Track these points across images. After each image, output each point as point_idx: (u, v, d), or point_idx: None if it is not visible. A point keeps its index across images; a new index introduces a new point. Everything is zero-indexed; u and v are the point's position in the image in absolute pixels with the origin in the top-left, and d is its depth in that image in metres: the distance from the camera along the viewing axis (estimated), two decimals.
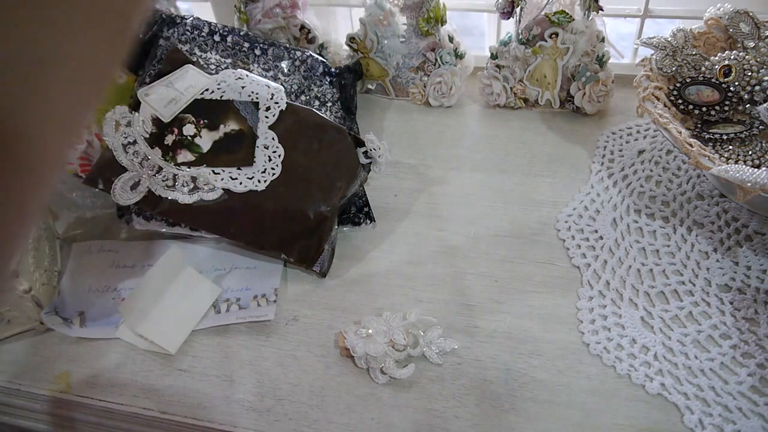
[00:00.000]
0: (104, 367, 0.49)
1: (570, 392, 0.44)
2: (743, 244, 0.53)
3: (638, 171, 0.61)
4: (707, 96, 0.58)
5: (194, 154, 0.54)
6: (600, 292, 0.50)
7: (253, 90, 0.55)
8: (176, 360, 0.49)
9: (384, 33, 0.70)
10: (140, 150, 0.53)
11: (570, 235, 0.55)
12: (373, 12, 0.68)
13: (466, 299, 0.51)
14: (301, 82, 0.64)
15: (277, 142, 0.54)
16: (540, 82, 0.69)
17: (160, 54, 0.60)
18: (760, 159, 0.54)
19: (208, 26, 0.63)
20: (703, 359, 0.45)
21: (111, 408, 0.47)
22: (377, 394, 0.45)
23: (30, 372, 0.49)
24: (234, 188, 0.53)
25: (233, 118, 0.55)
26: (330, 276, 0.54)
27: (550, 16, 0.63)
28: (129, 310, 0.50)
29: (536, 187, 0.61)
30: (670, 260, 0.52)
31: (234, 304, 0.52)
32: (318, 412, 0.45)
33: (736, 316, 0.47)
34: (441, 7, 0.67)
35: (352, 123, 0.67)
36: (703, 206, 0.56)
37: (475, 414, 0.44)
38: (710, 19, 0.62)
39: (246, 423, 0.45)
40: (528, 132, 0.68)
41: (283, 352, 0.49)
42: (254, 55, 0.64)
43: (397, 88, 0.75)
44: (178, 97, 0.54)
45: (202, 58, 0.61)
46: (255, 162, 0.54)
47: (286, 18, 0.71)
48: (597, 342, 0.47)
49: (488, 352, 0.47)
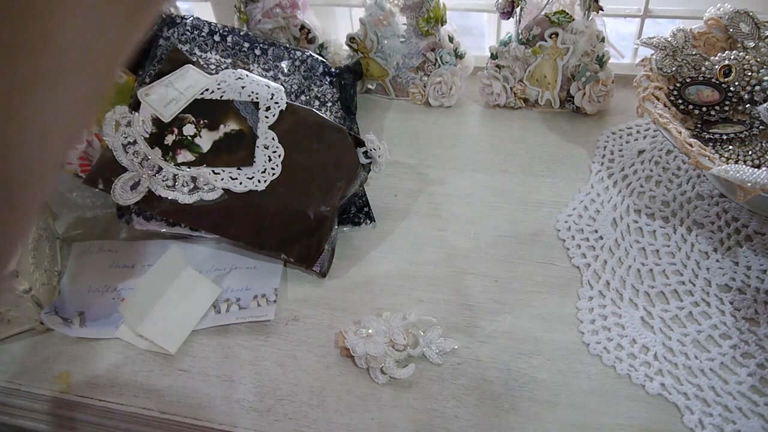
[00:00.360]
0: (104, 367, 0.49)
1: (570, 392, 0.44)
2: (743, 244, 0.53)
3: (638, 171, 0.61)
4: (707, 96, 0.58)
5: (194, 154, 0.54)
6: (600, 292, 0.50)
7: (253, 90, 0.55)
8: (176, 360, 0.49)
9: (384, 33, 0.70)
10: (140, 150, 0.53)
11: (570, 235, 0.55)
12: (373, 12, 0.68)
13: (466, 299, 0.51)
14: (301, 82, 0.64)
15: (277, 142, 0.54)
16: (540, 82, 0.69)
17: (160, 54, 0.60)
18: (760, 159, 0.54)
19: (208, 26, 0.63)
20: (703, 359, 0.45)
21: (111, 408, 0.47)
22: (377, 394, 0.45)
23: (30, 372, 0.49)
24: (234, 188, 0.53)
25: (233, 118, 0.55)
26: (330, 276, 0.54)
27: (550, 16, 0.63)
28: (129, 310, 0.50)
29: (536, 187, 0.61)
30: (670, 260, 0.52)
31: (234, 304, 0.52)
32: (318, 412, 0.45)
33: (736, 316, 0.47)
34: (441, 7, 0.67)
35: (352, 123, 0.67)
36: (703, 206, 0.56)
37: (475, 414, 0.44)
38: (710, 19, 0.62)
39: (246, 423, 0.45)
40: (528, 132, 0.68)
41: (283, 352, 0.49)
42: (254, 55, 0.64)
43: (397, 88, 0.75)
44: (178, 97, 0.54)
45: (202, 58, 0.61)
46: (255, 162, 0.54)
47: (286, 18, 0.71)
48: (597, 342, 0.47)
49: (488, 352, 0.47)
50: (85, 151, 0.58)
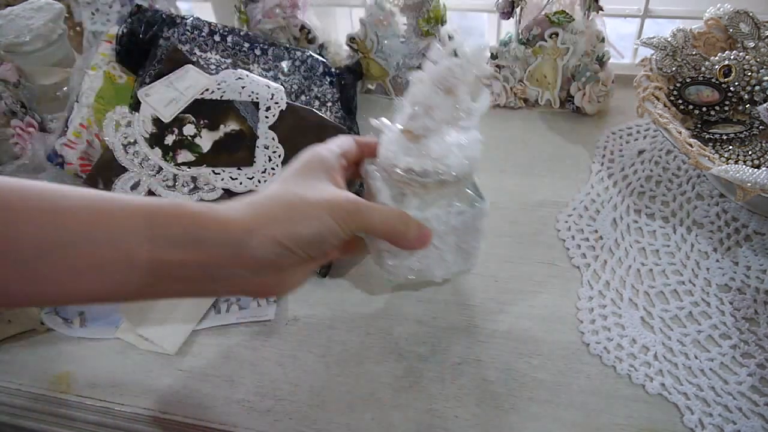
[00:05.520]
0: (104, 367, 0.49)
1: (570, 392, 0.44)
2: (743, 244, 0.53)
3: (638, 171, 0.61)
4: (707, 96, 0.58)
5: (194, 154, 0.54)
6: (600, 292, 0.50)
7: (253, 90, 0.55)
8: (176, 360, 0.49)
9: (384, 33, 0.70)
10: (140, 150, 0.53)
11: (570, 235, 0.55)
12: (373, 12, 0.68)
13: (466, 299, 0.51)
14: (301, 82, 0.64)
15: (278, 142, 0.54)
16: (540, 82, 0.69)
17: (160, 54, 0.60)
18: (760, 159, 0.54)
19: (208, 26, 0.63)
20: (703, 359, 0.45)
21: (111, 408, 0.47)
22: (377, 394, 0.45)
23: (30, 372, 0.49)
24: (234, 188, 0.53)
25: (233, 118, 0.55)
26: (330, 276, 0.54)
27: (550, 16, 0.63)
28: (129, 310, 0.50)
29: (536, 187, 0.61)
30: (669, 260, 0.52)
31: (234, 304, 0.52)
32: (318, 412, 0.45)
33: (736, 316, 0.47)
34: (441, 7, 0.67)
35: (352, 123, 0.67)
36: (703, 206, 0.56)
37: (475, 414, 0.44)
38: (710, 19, 0.62)
39: (246, 423, 0.45)
40: (528, 132, 0.68)
41: (283, 352, 0.49)
42: (254, 55, 0.64)
43: (397, 88, 0.75)
44: (178, 97, 0.54)
45: (202, 58, 0.61)
46: (255, 162, 0.54)
47: (286, 18, 0.71)
48: (597, 342, 0.47)
49: (488, 352, 0.47)
50: (85, 151, 0.58)
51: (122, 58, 0.61)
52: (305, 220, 0.34)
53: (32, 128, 0.63)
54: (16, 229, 0.27)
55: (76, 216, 0.29)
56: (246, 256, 0.32)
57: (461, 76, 0.37)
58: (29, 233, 0.27)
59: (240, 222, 0.32)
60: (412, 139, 0.39)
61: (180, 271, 0.31)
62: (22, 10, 0.64)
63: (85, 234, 0.29)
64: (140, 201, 0.31)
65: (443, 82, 0.37)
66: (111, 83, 0.60)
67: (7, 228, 0.27)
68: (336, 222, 0.35)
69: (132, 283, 0.30)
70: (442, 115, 0.38)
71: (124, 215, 0.30)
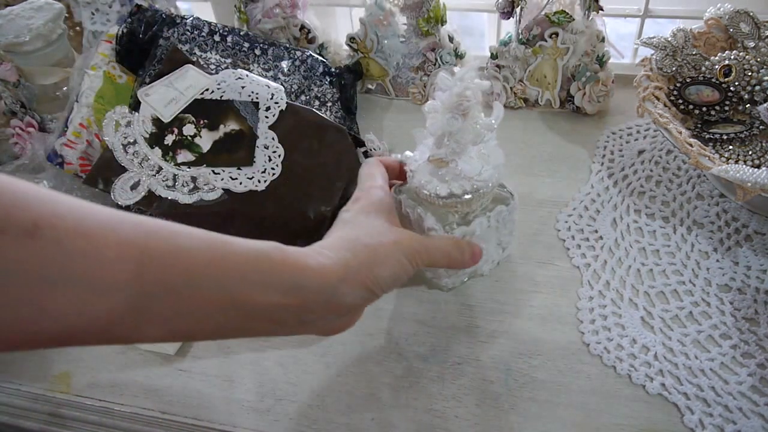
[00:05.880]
0: (104, 367, 0.49)
1: (570, 392, 0.44)
2: (743, 244, 0.53)
3: (638, 171, 0.61)
4: (707, 96, 0.58)
5: (194, 154, 0.54)
6: (600, 292, 0.50)
7: (253, 90, 0.55)
8: (176, 360, 0.49)
9: (384, 33, 0.70)
10: (140, 150, 0.53)
11: (570, 235, 0.55)
12: (373, 12, 0.68)
13: (466, 299, 0.51)
14: (301, 82, 0.64)
15: (277, 142, 0.54)
16: (540, 82, 0.69)
17: (160, 54, 0.60)
18: (760, 159, 0.54)
19: (208, 26, 0.63)
20: (703, 359, 0.45)
21: (111, 408, 0.47)
22: (377, 394, 0.45)
23: (30, 372, 0.49)
24: (234, 188, 0.53)
25: (233, 118, 0.55)
26: None
27: (550, 16, 0.63)
28: None
29: (536, 187, 0.61)
30: (670, 260, 0.52)
31: None
32: (318, 412, 0.45)
33: (736, 316, 0.47)
34: (441, 7, 0.67)
35: (352, 123, 0.67)
36: (703, 206, 0.56)
37: (475, 414, 0.44)
38: (710, 19, 0.62)
39: (246, 423, 0.45)
40: (528, 132, 0.68)
41: (283, 352, 0.49)
42: (254, 55, 0.64)
43: (397, 88, 0.75)
44: (178, 97, 0.54)
45: (202, 58, 0.61)
46: (255, 162, 0.54)
47: (286, 18, 0.71)
48: (597, 342, 0.47)
49: (488, 352, 0.47)
50: (85, 151, 0.58)
51: (122, 58, 0.61)
52: (385, 262, 0.37)
53: (32, 128, 0.63)
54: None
55: (195, 258, 0.29)
56: (336, 302, 0.34)
57: (474, 98, 0.39)
58: (155, 269, 0.28)
59: (335, 271, 0.34)
60: (442, 166, 0.42)
61: (277, 314, 0.32)
62: (22, 10, 0.64)
63: (198, 277, 0.29)
64: (248, 245, 0.32)
65: (459, 108, 0.39)
66: (111, 83, 0.60)
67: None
68: (408, 261, 0.38)
69: (231, 322, 0.31)
70: (467, 137, 0.41)
71: (235, 260, 0.30)
